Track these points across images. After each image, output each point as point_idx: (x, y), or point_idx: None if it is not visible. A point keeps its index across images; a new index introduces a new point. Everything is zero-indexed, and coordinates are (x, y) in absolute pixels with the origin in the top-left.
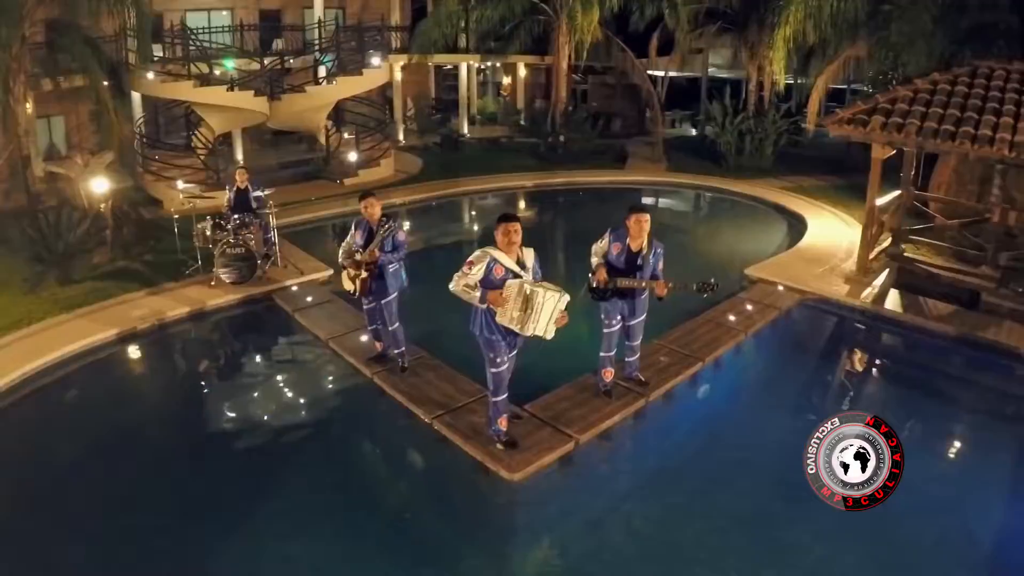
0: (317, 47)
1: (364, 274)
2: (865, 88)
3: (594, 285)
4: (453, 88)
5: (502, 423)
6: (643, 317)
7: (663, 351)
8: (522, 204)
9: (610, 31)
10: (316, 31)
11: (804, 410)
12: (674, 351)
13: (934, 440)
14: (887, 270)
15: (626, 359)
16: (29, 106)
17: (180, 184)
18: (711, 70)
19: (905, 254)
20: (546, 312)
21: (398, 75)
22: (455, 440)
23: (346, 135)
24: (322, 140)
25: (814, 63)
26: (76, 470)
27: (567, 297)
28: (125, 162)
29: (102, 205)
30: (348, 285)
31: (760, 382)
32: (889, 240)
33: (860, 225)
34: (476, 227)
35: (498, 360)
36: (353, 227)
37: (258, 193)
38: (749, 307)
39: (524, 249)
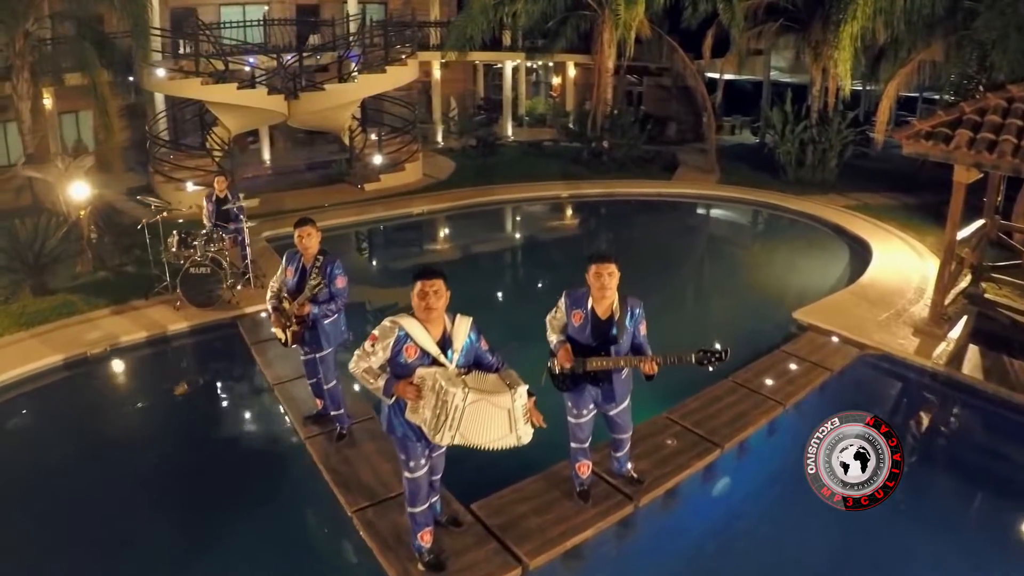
0: (342, 43)
1: (295, 326)
2: (944, 96)
3: (556, 371)
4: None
5: (424, 538)
6: (627, 403)
7: (670, 431)
8: (550, 218)
9: (660, 28)
10: (345, 26)
11: (853, 519)
12: (686, 431)
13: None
14: (965, 317)
15: (612, 454)
16: (48, 102)
17: (189, 186)
18: (773, 73)
19: (985, 296)
20: (473, 418)
21: (437, 73)
22: (372, 547)
23: (372, 136)
24: (346, 141)
25: (884, 66)
26: None
27: (514, 397)
28: (137, 162)
29: (81, 212)
30: (278, 334)
31: (799, 478)
32: (968, 279)
33: (933, 255)
34: (490, 246)
35: (412, 464)
36: (284, 261)
37: (229, 206)
38: (793, 366)
39: (457, 319)
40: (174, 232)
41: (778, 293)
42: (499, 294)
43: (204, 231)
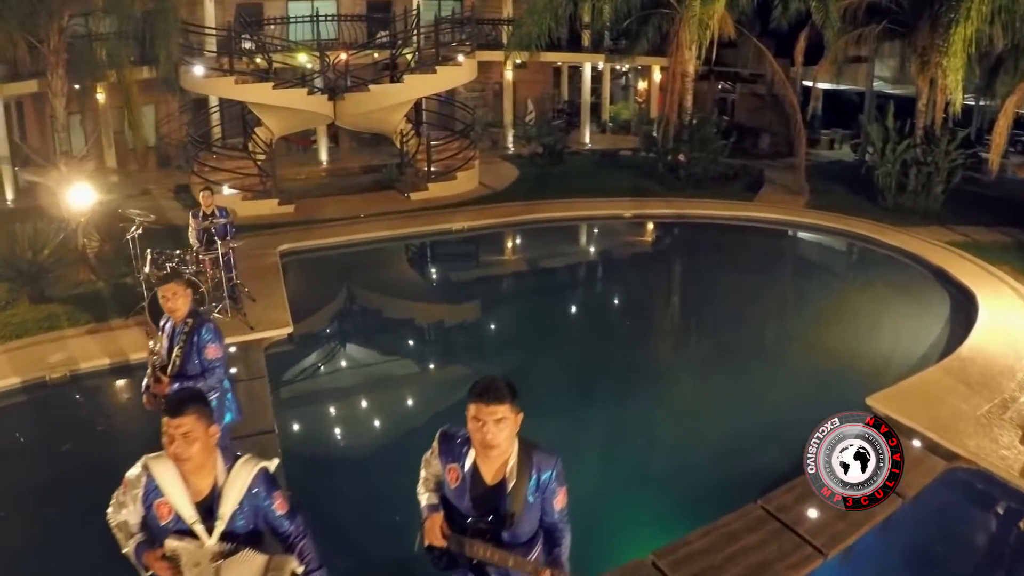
0: (389, 40)
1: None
2: None
3: (426, 543)
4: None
5: None
6: None
7: None
8: (601, 242)
9: (749, 29)
10: (404, 22)
11: None
12: None
13: None
14: None
15: None
16: (101, 97)
17: (225, 190)
18: (876, 83)
19: None
20: None
21: (508, 74)
22: None
23: (432, 141)
24: (398, 144)
25: (1002, 78)
26: None
27: None
28: (186, 160)
29: (82, 218)
30: None
31: None
32: None
33: None
34: (516, 275)
35: None
36: (160, 325)
37: (208, 223)
38: None
39: (236, 466)
40: (148, 251)
41: (852, 363)
42: (504, 341)
43: (178, 251)
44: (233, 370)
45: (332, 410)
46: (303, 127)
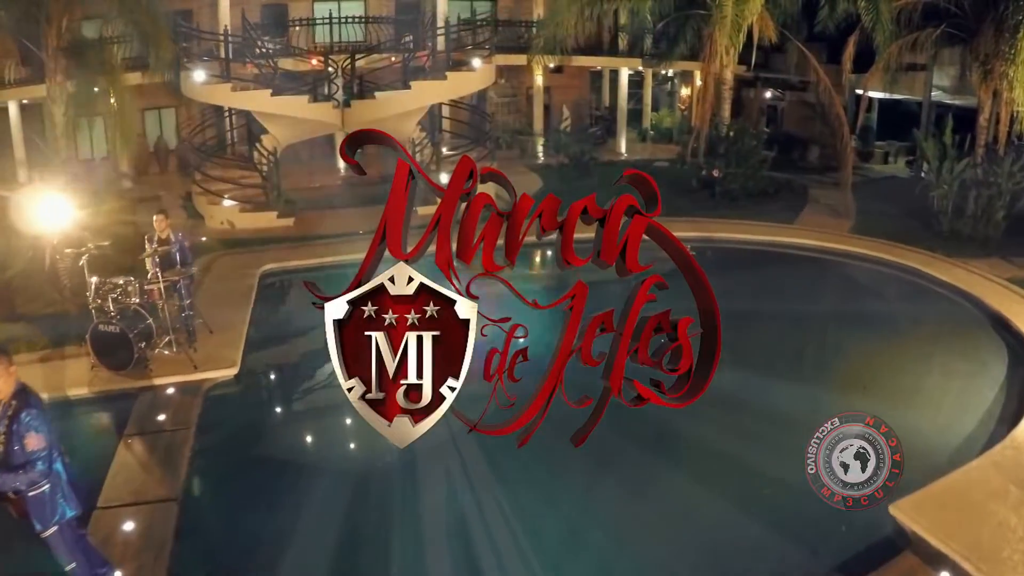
0: (393, 44)
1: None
2: None
3: None
4: (631, 96)
5: None
6: None
7: None
8: (598, 271)
9: (796, 33)
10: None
11: None
12: None
13: None
14: None
15: None
16: (112, 100)
17: (226, 202)
18: (935, 93)
19: None
20: None
21: (539, 79)
22: None
23: (446, 150)
24: (409, 154)
25: None
26: None
27: None
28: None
29: (54, 240)
30: None
31: None
32: None
33: None
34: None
35: None
36: None
37: (152, 249)
38: None
39: None
40: (92, 280)
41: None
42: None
43: (121, 280)
44: (162, 416)
45: (262, 476)
46: (310, 135)
